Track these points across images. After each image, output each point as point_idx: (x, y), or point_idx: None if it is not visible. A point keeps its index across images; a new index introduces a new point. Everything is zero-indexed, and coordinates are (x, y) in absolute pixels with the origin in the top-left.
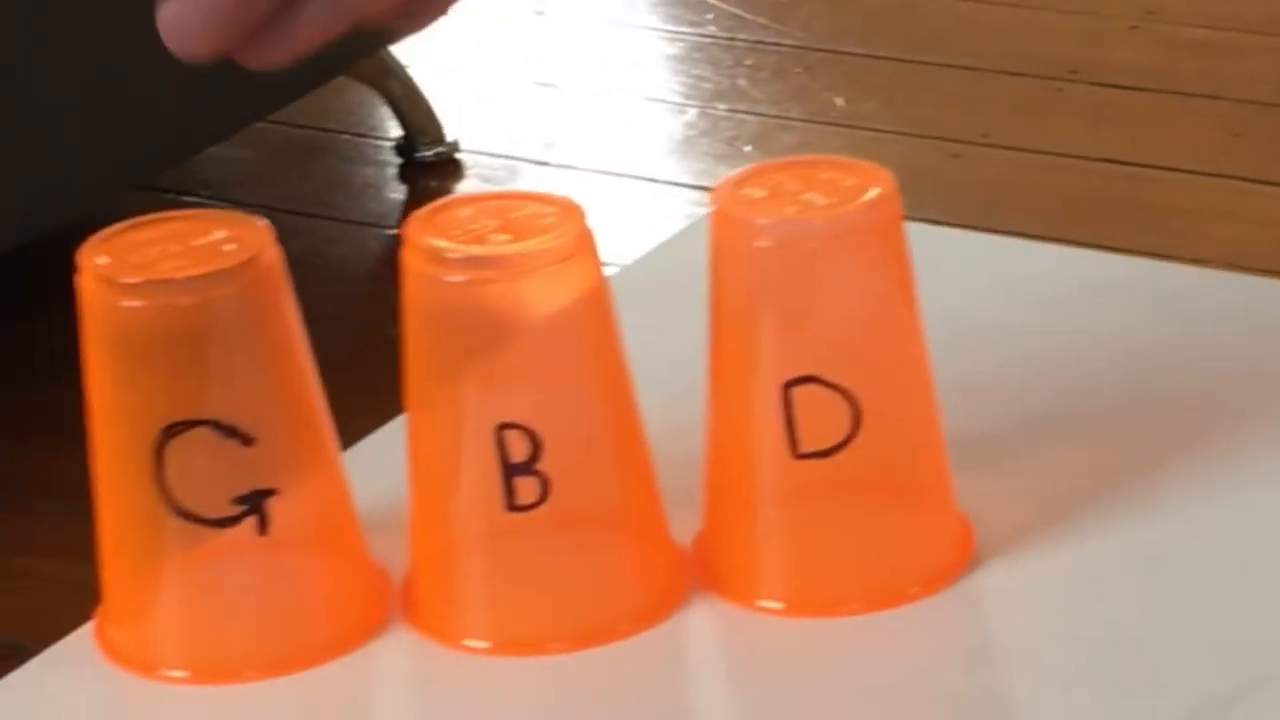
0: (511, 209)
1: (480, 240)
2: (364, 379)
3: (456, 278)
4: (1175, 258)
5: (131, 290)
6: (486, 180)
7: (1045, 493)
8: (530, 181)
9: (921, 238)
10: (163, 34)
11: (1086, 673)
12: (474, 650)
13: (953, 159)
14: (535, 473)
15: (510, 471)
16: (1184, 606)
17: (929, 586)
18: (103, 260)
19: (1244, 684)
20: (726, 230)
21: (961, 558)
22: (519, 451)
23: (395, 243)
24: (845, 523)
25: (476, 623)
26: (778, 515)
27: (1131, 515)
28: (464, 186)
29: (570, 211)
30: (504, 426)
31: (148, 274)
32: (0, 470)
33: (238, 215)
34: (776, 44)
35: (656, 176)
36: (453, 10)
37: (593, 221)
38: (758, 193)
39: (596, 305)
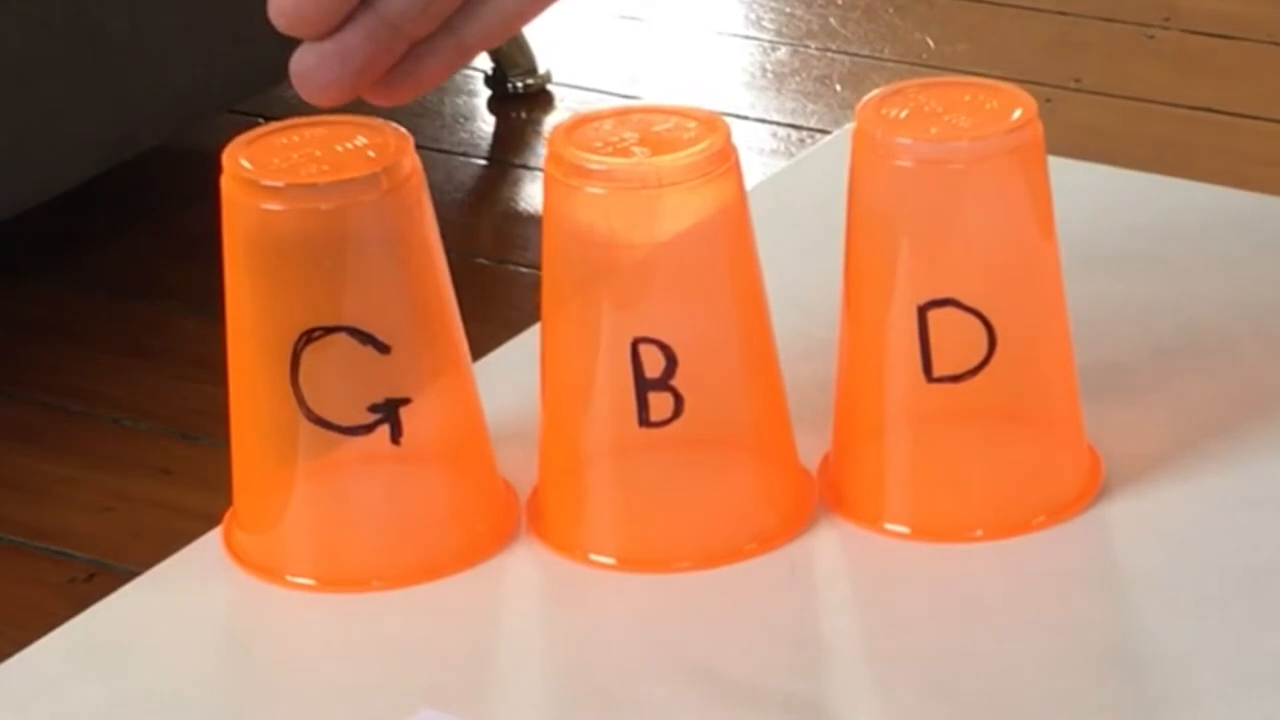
0: (654, 122)
1: (622, 152)
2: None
3: (597, 189)
4: None
5: (273, 194)
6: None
7: (1173, 424)
8: None
9: (1062, 170)
10: (296, 84)
11: (1214, 603)
12: (600, 565)
13: (1044, 103)
14: (669, 388)
15: (644, 386)
16: None
17: (1056, 515)
18: (245, 163)
19: None
20: (867, 149)
21: (1089, 488)
22: (653, 367)
23: (485, 172)
24: (974, 449)
25: (603, 538)
26: (907, 439)
27: (1260, 447)
28: (553, 119)
29: (714, 125)
30: (639, 341)
31: (289, 177)
32: (94, 389)
33: (378, 123)
34: None
35: (748, 114)
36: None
37: None
38: (900, 112)
39: (736, 222)
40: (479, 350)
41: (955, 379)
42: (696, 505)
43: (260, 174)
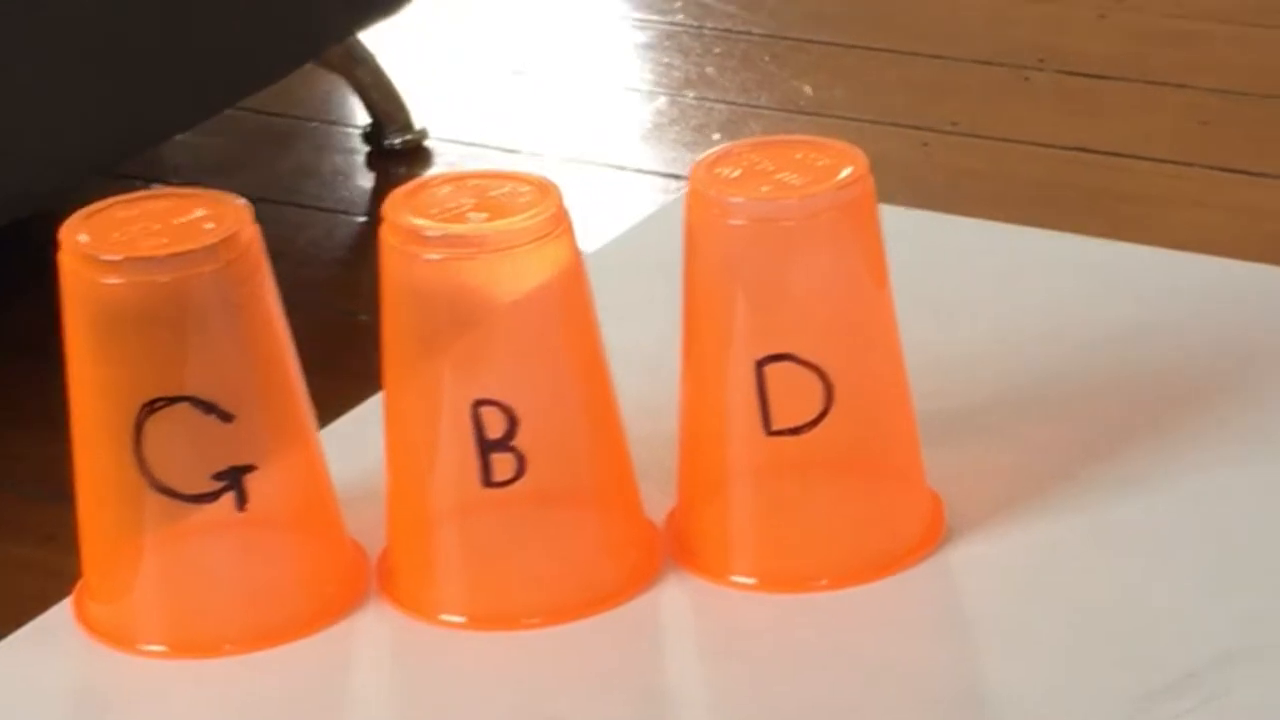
0: (489, 188)
1: (458, 218)
2: (333, 364)
3: (434, 255)
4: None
5: (112, 267)
6: (455, 168)
7: (1016, 469)
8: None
9: (895, 219)
10: None
11: (1056, 647)
12: (450, 625)
13: (921, 147)
14: (511, 449)
15: (486, 447)
16: (1152, 582)
17: (899, 562)
18: (83, 237)
19: (1211, 659)
20: (701, 209)
21: (932, 534)
22: (495, 428)
23: (364, 229)
24: (816, 500)
25: (452, 597)
26: (750, 492)
27: (1101, 492)
28: (433, 174)
29: (547, 190)
30: (480, 403)
31: (128, 251)
32: None
33: (217, 194)
34: (746, 32)
35: (625, 164)
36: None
37: None
38: (732, 172)
39: (572, 283)
40: (354, 406)
41: (794, 431)
42: (543, 562)
43: (98, 248)
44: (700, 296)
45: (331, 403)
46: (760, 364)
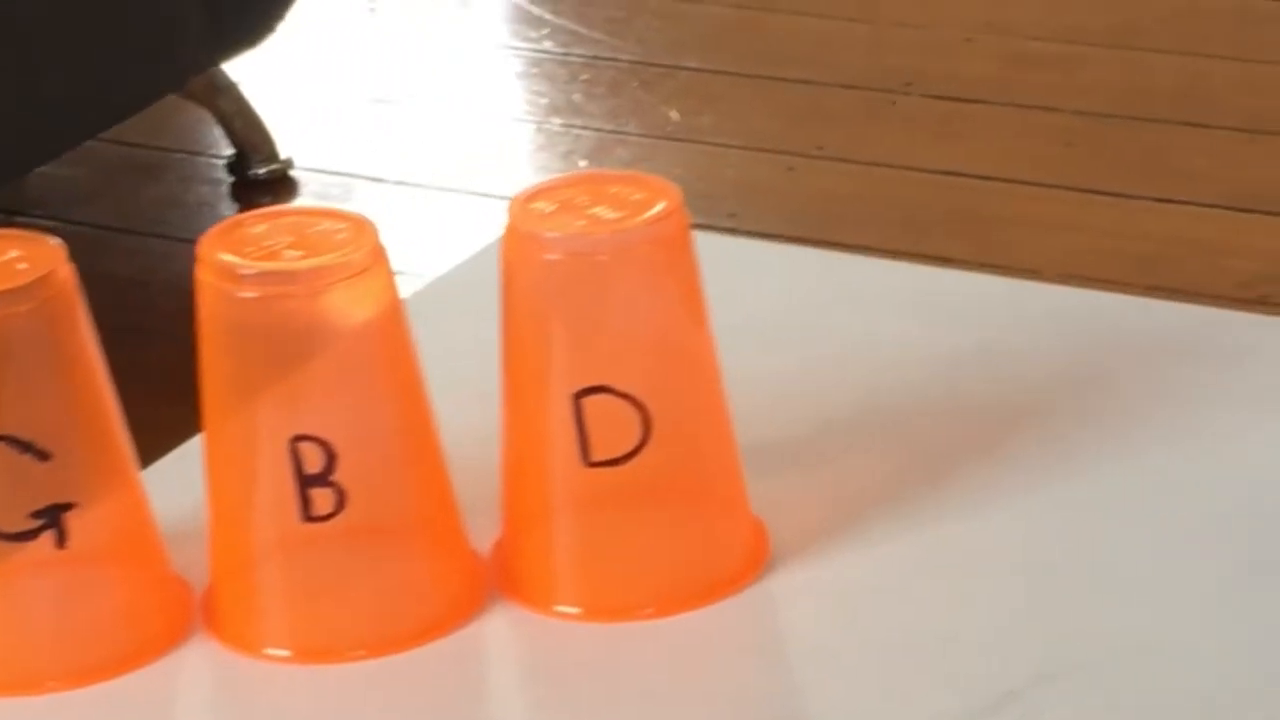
0: (305, 225)
1: (273, 256)
2: (195, 394)
3: (249, 293)
4: (1011, 269)
5: None
6: (321, 198)
7: (841, 496)
8: (365, 197)
9: (726, 249)
10: None
11: (876, 670)
12: (275, 659)
13: (788, 172)
14: (330, 484)
15: (305, 483)
16: (972, 604)
17: (723, 590)
18: None
19: (1030, 678)
20: (517, 244)
21: (756, 561)
22: (314, 463)
23: None
24: (638, 529)
25: (276, 632)
26: (572, 523)
27: (925, 516)
28: (299, 204)
29: (362, 228)
30: (299, 438)
31: None
32: None
33: (30, 234)
34: (613, 59)
35: (490, 192)
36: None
37: (424, 238)
38: (547, 207)
39: (390, 319)
40: None
41: (614, 463)
42: (366, 595)
43: None
44: (517, 330)
45: (192, 433)
46: (577, 396)
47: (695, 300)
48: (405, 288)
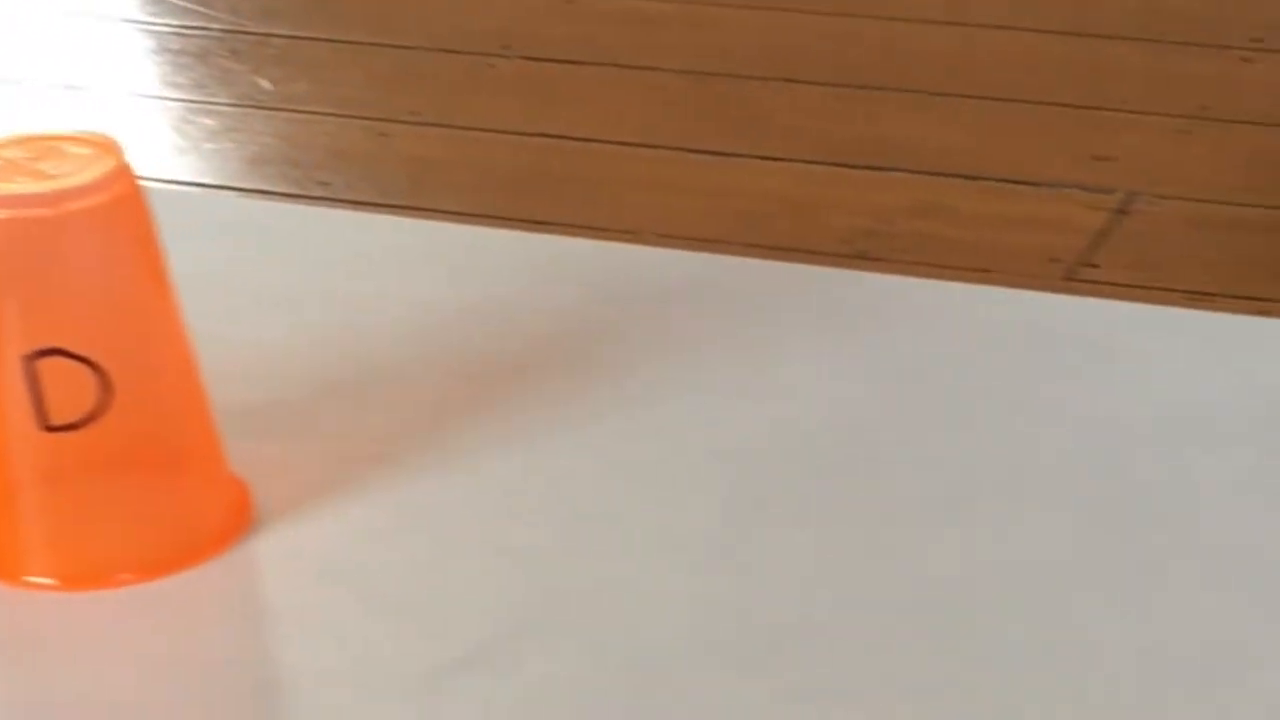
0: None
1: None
2: None
3: None
4: (609, 230)
5: None
6: None
7: (328, 456)
8: None
9: (221, 208)
10: None
11: (354, 630)
12: None
13: (379, 138)
14: None
15: None
16: (451, 559)
17: (202, 553)
18: None
19: (505, 632)
20: None
21: (238, 525)
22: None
23: None
24: (107, 494)
25: None
26: (37, 490)
27: (410, 473)
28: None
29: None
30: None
31: None
32: None
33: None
34: (202, 28)
35: None
36: None
37: None
38: None
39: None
40: None
41: (73, 427)
42: None
43: None
44: None
45: None
46: (30, 359)
47: (152, 260)
48: None
